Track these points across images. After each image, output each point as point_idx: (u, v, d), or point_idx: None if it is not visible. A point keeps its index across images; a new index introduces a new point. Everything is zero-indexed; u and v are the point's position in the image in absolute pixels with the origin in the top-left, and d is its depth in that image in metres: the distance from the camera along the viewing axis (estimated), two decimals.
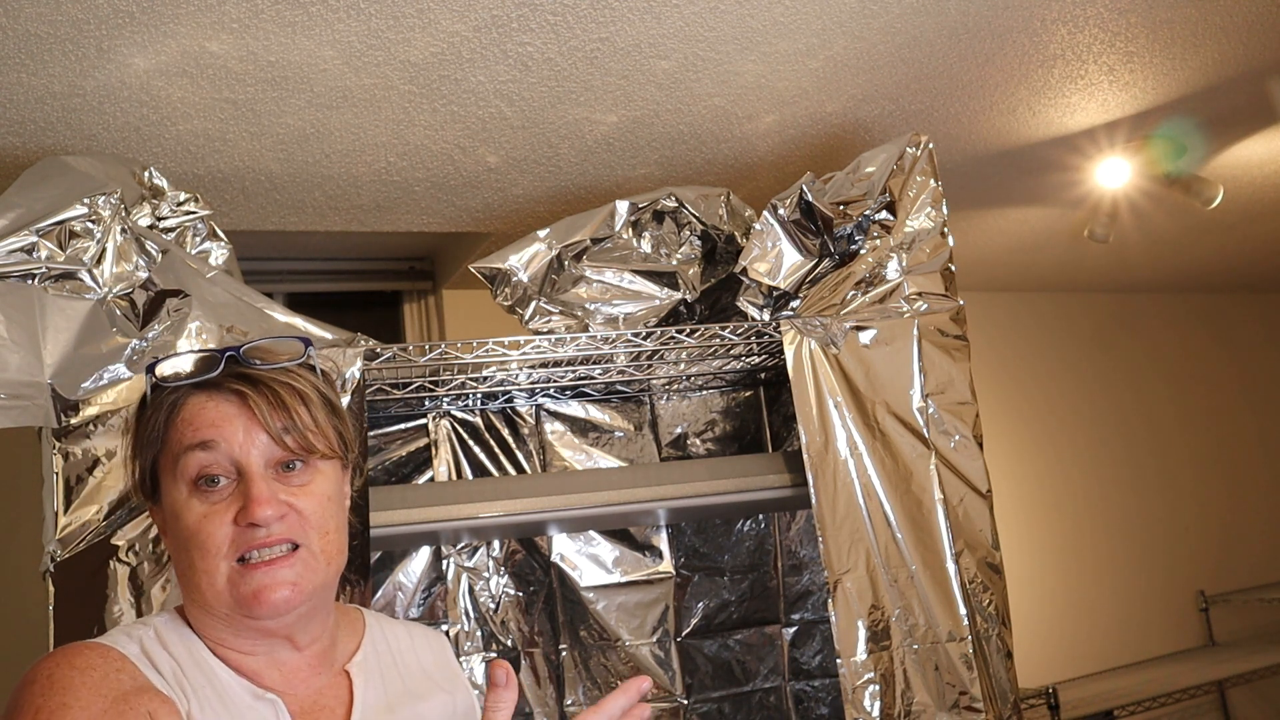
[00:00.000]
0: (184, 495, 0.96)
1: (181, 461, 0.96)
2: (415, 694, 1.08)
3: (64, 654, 0.91)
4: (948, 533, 1.74)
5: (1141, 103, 2.34)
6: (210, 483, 0.95)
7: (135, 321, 1.48)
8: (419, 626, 1.19)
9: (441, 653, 1.17)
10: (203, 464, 0.95)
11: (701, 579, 2.13)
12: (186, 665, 0.96)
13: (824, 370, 1.75)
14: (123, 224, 1.50)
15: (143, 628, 0.99)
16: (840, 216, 1.87)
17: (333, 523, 1.00)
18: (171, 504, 0.97)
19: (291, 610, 0.96)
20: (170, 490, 0.97)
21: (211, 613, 0.97)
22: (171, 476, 0.97)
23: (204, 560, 0.94)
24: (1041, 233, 3.28)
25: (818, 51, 1.94)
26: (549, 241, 1.90)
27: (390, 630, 1.14)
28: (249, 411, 0.97)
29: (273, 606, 0.94)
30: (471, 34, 1.73)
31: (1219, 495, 4.32)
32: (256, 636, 0.98)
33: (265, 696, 0.96)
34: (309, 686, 1.01)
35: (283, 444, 0.97)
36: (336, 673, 1.04)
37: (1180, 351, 4.42)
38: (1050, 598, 3.80)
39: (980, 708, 1.67)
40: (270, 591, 0.94)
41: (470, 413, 2.08)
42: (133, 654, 0.94)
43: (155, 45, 1.63)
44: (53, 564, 1.37)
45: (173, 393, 0.98)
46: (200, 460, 0.95)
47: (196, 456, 0.95)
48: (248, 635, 0.98)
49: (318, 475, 1.00)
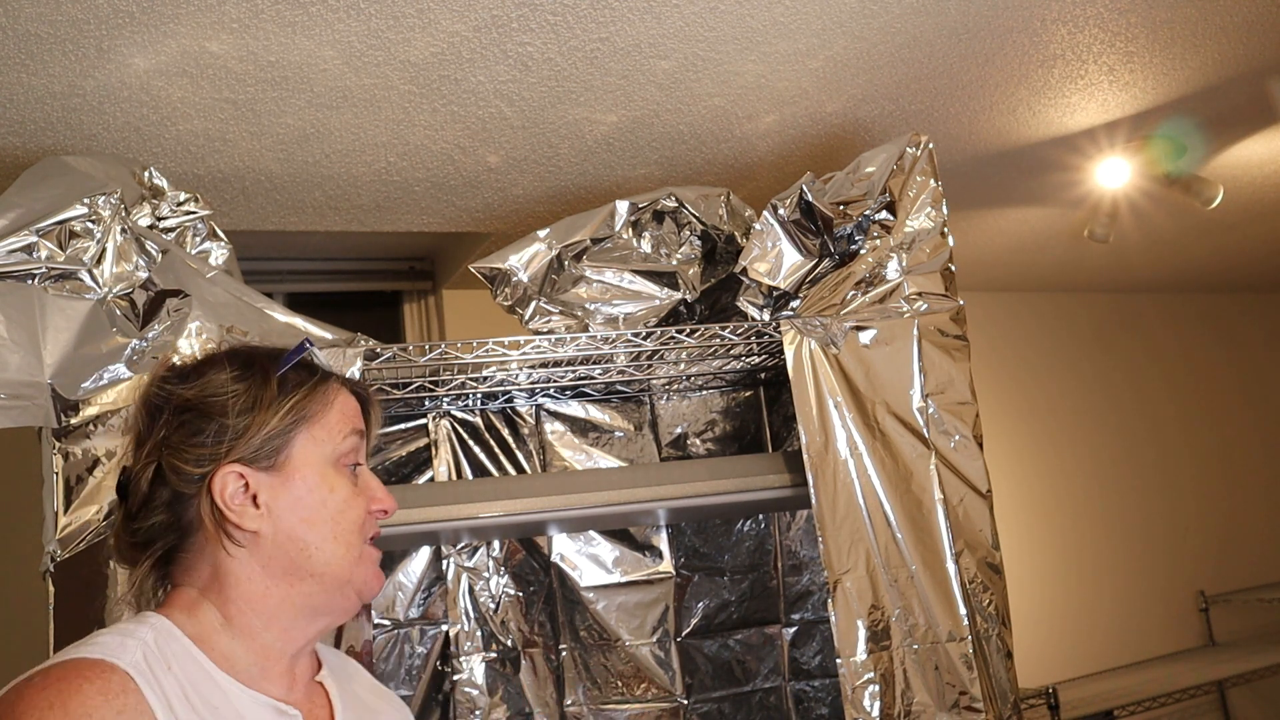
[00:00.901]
0: (330, 471, 1.01)
1: (344, 443, 1.02)
2: (371, 709, 1.10)
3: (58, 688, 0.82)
4: (948, 533, 1.74)
5: (1141, 103, 2.34)
6: (353, 469, 1.04)
7: (135, 321, 1.48)
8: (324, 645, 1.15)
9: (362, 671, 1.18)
10: (354, 451, 1.04)
11: (701, 579, 2.13)
12: (196, 685, 0.90)
13: (824, 370, 1.75)
14: (123, 224, 1.50)
15: (140, 632, 0.91)
16: (840, 216, 1.87)
17: None
18: (318, 478, 1.00)
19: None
20: (318, 465, 1.00)
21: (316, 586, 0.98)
22: (316, 450, 1.00)
23: (349, 535, 1.00)
24: (1041, 233, 3.28)
25: (818, 51, 1.94)
26: (549, 241, 1.90)
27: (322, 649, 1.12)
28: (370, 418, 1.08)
29: (377, 592, 1.04)
30: (471, 34, 1.73)
31: (1219, 495, 4.32)
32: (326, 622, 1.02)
33: (289, 713, 0.95)
34: (304, 694, 1.02)
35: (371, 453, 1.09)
36: (309, 684, 1.04)
37: (1180, 351, 4.42)
38: (1050, 598, 3.80)
39: (980, 708, 1.67)
40: (377, 581, 1.03)
41: (470, 413, 2.08)
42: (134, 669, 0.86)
43: (155, 45, 1.63)
44: (53, 564, 1.37)
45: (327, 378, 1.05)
46: (354, 447, 1.04)
47: (353, 442, 1.04)
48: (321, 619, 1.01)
49: None
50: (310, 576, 0.98)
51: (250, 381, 1.00)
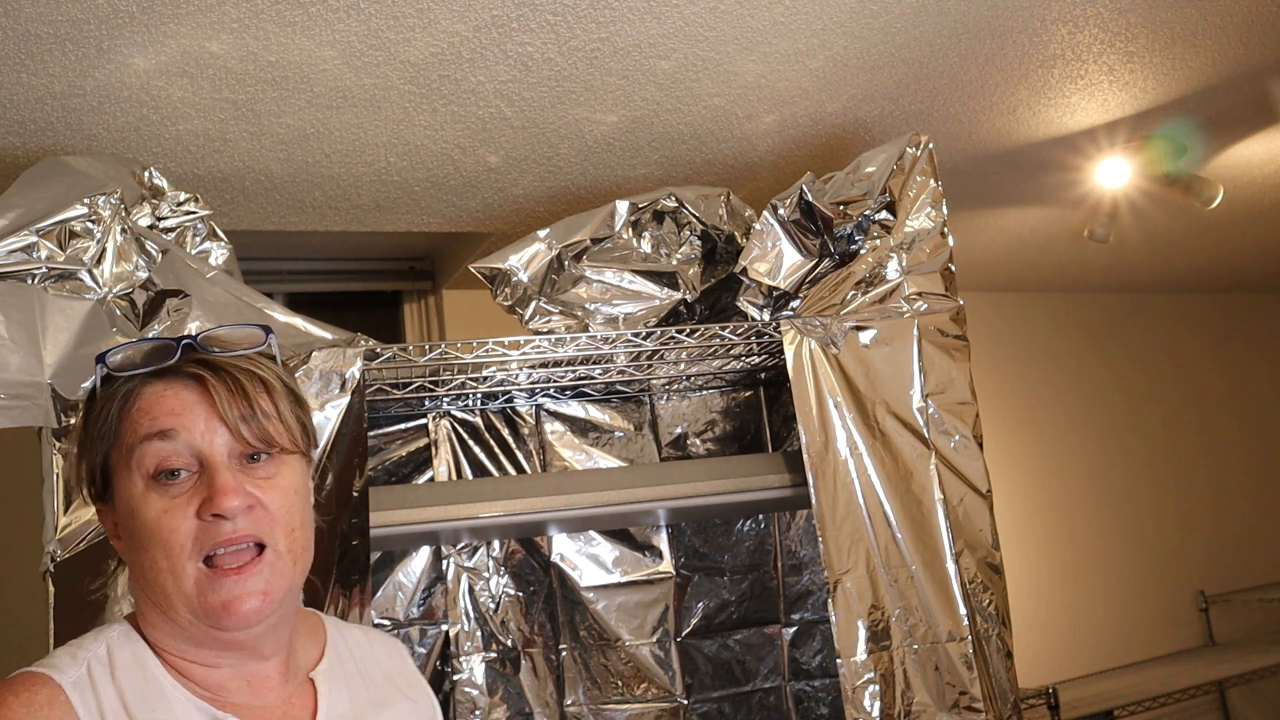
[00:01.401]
0: (140, 489, 0.89)
1: (138, 453, 0.89)
2: (379, 702, 1.04)
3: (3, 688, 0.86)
4: (948, 533, 1.74)
5: (1141, 103, 2.34)
6: (170, 476, 0.89)
7: (135, 321, 1.48)
8: (376, 631, 1.15)
9: (400, 659, 1.13)
10: (162, 455, 0.89)
11: (701, 579, 2.13)
12: (135, 692, 0.89)
13: (824, 370, 1.75)
14: (123, 224, 1.50)
15: (94, 645, 0.92)
16: (840, 216, 1.87)
17: (298, 519, 0.94)
18: (127, 500, 0.90)
19: (262, 620, 0.90)
20: (125, 486, 0.90)
21: (174, 620, 0.90)
22: (126, 470, 0.90)
23: (168, 559, 0.88)
24: (1041, 233, 3.28)
25: (818, 51, 1.94)
26: (549, 241, 1.90)
27: (350, 635, 1.10)
28: (209, 399, 0.90)
29: (243, 618, 0.88)
30: (471, 34, 1.73)
31: (1219, 495, 4.32)
32: (220, 649, 0.93)
33: (223, 717, 0.91)
34: (278, 696, 0.96)
35: (239, 434, 0.91)
36: (301, 681, 0.99)
37: (1180, 351, 4.42)
38: (1050, 598, 3.80)
39: (980, 708, 1.67)
40: (240, 602, 0.88)
41: (470, 413, 2.08)
42: (70, 682, 0.87)
43: (155, 45, 1.63)
44: (53, 564, 1.37)
45: (126, 382, 0.92)
46: (159, 451, 0.89)
47: (155, 447, 0.89)
48: (211, 647, 0.92)
49: (283, 468, 0.94)
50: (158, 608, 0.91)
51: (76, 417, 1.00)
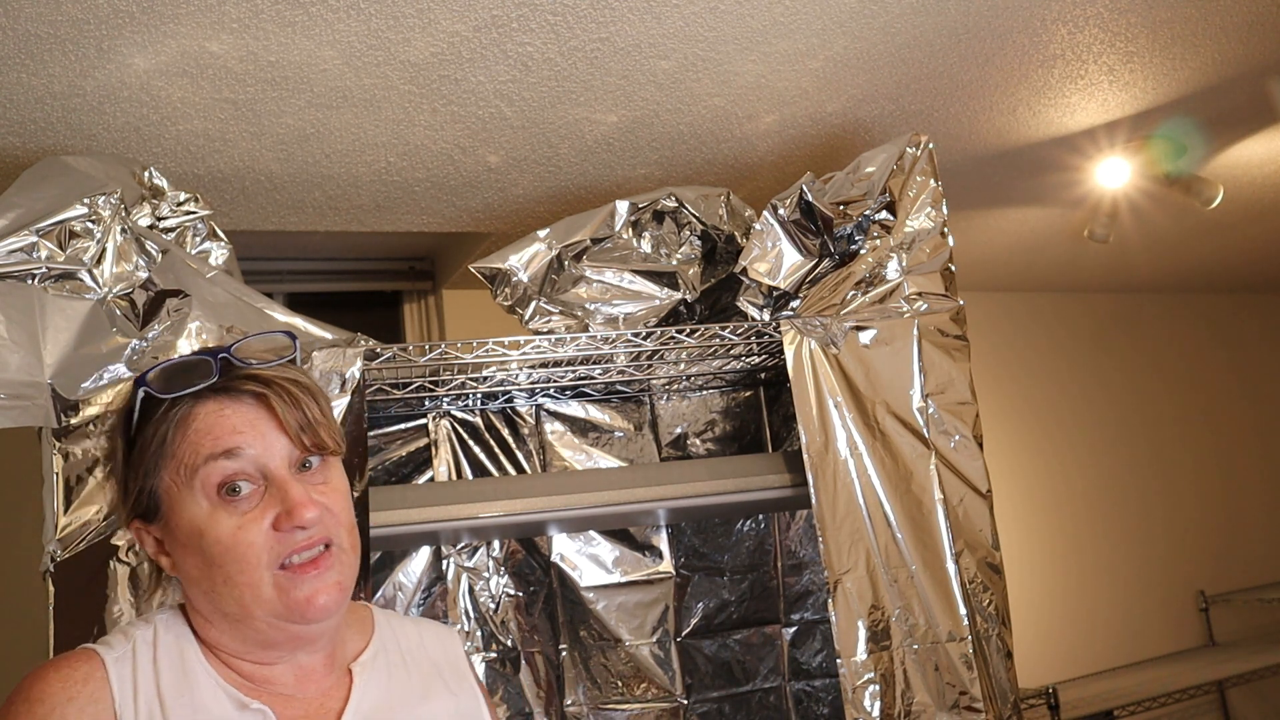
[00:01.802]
0: (207, 509, 0.91)
1: (203, 473, 0.91)
2: (420, 694, 1.06)
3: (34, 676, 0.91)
4: (948, 533, 1.74)
5: (1141, 103, 2.34)
6: (232, 492, 0.91)
7: (135, 321, 1.48)
8: (430, 623, 1.17)
9: (452, 650, 1.14)
10: (228, 473, 0.91)
11: (701, 579, 2.13)
12: (171, 676, 0.93)
13: (824, 370, 1.75)
14: (123, 224, 1.50)
15: (144, 627, 0.97)
16: (840, 216, 1.87)
17: (350, 515, 0.98)
18: (191, 520, 0.92)
19: (339, 610, 0.95)
20: (187, 506, 0.92)
21: (249, 626, 0.93)
22: (188, 491, 0.92)
23: (245, 573, 0.90)
24: (1041, 233, 3.28)
25: (818, 51, 1.94)
26: (549, 241, 1.90)
27: (400, 628, 1.11)
28: (270, 413, 0.93)
29: (324, 610, 0.92)
30: (471, 34, 1.73)
31: (1219, 495, 4.32)
32: (289, 647, 0.96)
33: (251, 706, 0.93)
34: (319, 687, 0.99)
35: (300, 443, 0.94)
36: (341, 673, 1.02)
37: (1180, 351, 4.42)
38: (1050, 598, 3.80)
39: (980, 708, 1.67)
40: (320, 595, 0.92)
41: (470, 413, 2.08)
42: (113, 658, 0.92)
43: (155, 45, 1.63)
44: (53, 564, 1.37)
45: (175, 404, 0.93)
46: (225, 469, 0.91)
47: (220, 466, 0.91)
48: (280, 646, 0.95)
49: (332, 470, 0.98)
50: (228, 616, 0.94)
51: (111, 438, 0.99)
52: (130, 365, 1.44)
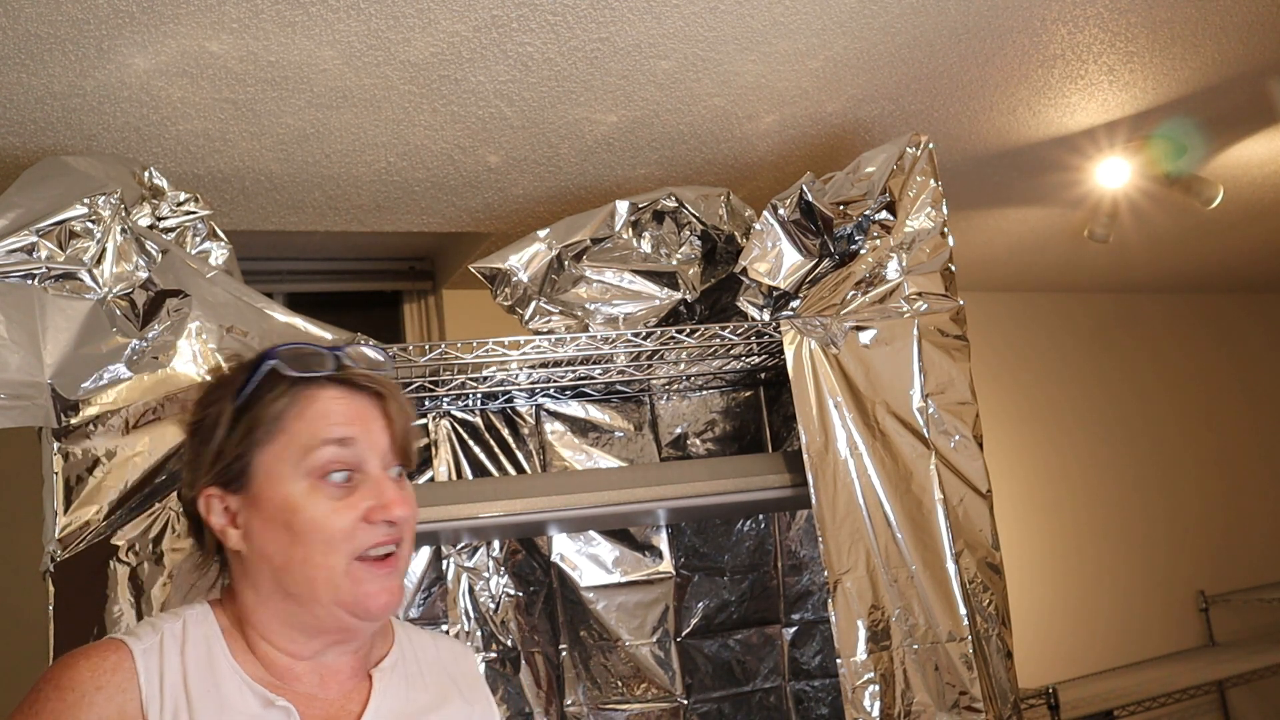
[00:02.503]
0: (304, 487, 0.95)
1: (315, 454, 0.96)
2: (435, 703, 1.08)
3: (63, 664, 0.92)
4: (948, 533, 1.74)
5: (1141, 103, 2.34)
6: (333, 477, 0.96)
7: (135, 321, 1.48)
8: (445, 637, 1.20)
9: (467, 666, 1.17)
10: (338, 459, 0.96)
11: (701, 579, 2.13)
12: (197, 671, 0.95)
13: (824, 370, 1.75)
14: (123, 224, 1.50)
15: (172, 620, 0.99)
16: (840, 216, 1.87)
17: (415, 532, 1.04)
18: (286, 496, 0.95)
19: (393, 612, 0.99)
20: (285, 482, 0.96)
21: (307, 607, 0.96)
22: (290, 467, 0.96)
23: (328, 555, 0.94)
24: (1041, 233, 3.28)
25: (818, 51, 1.94)
26: (549, 241, 1.90)
27: (418, 640, 1.14)
28: (384, 415, 0.99)
29: (383, 609, 0.97)
30: (471, 34, 1.73)
31: (1219, 495, 4.32)
32: (334, 640, 0.99)
33: (277, 704, 0.95)
34: (341, 690, 1.01)
35: (398, 450, 1.00)
36: (362, 677, 1.04)
37: (1180, 351, 4.42)
38: (1050, 598, 3.80)
39: (980, 708, 1.67)
40: (383, 595, 0.96)
41: (470, 413, 2.08)
42: (141, 649, 0.94)
43: (155, 45, 1.63)
44: (53, 564, 1.37)
45: (295, 384, 0.98)
46: (336, 455, 0.96)
47: (332, 451, 0.96)
48: (325, 636, 0.98)
49: (407, 485, 1.03)
50: (290, 597, 0.96)
51: (217, 403, 1.01)
52: (130, 365, 1.44)
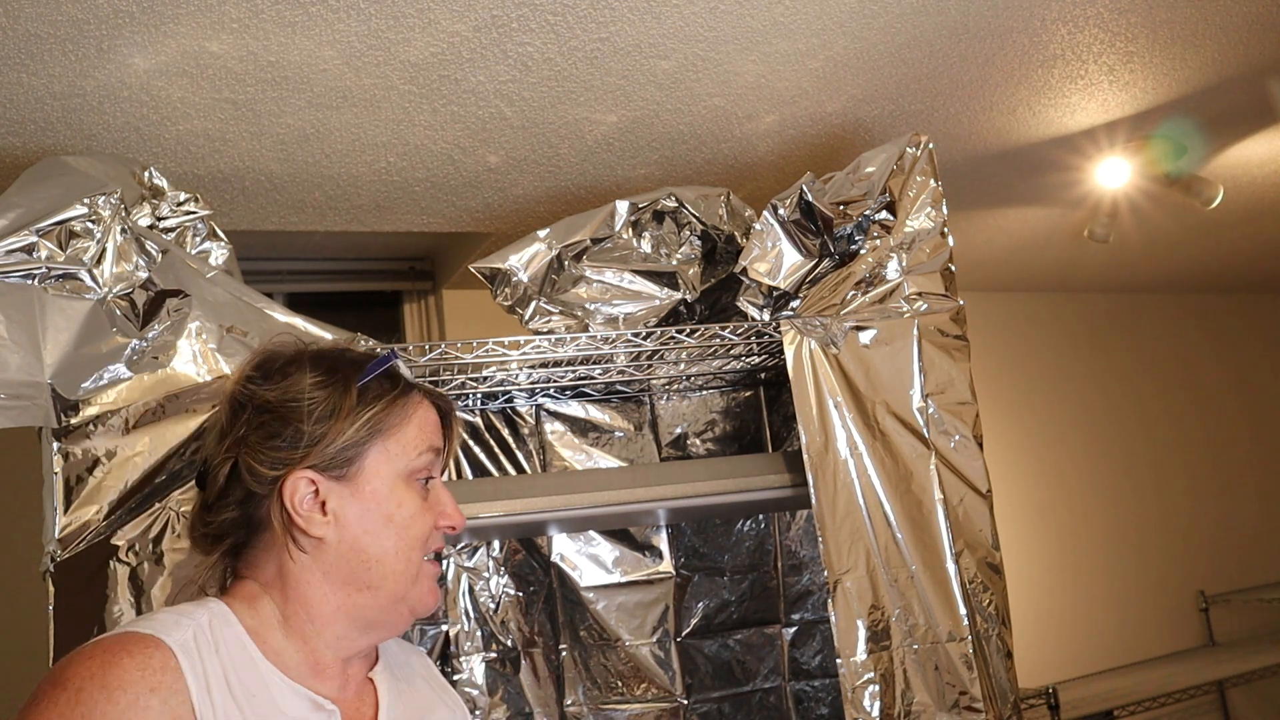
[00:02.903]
0: (401, 486, 1.02)
1: (419, 458, 1.03)
2: (425, 706, 1.11)
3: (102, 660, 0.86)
4: (948, 533, 1.74)
5: (1141, 103, 2.34)
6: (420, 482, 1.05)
7: (135, 321, 1.48)
8: (404, 641, 1.21)
9: (429, 667, 1.20)
10: (428, 465, 1.05)
11: (701, 579, 2.13)
12: (237, 673, 0.92)
13: (824, 370, 1.75)
14: (123, 224, 1.50)
15: (197, 614, 0.95)
16: (840, 216, 1.87)
17: None
18: (391, 490, 1.01)
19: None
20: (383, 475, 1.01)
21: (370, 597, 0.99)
22: (390, 464, 1.02)
23: (413, 550, 1.01)
24: (1041, 233, 3.28)
25: (818, 51, 1.94)
26: (549, 241, 1.90)
27: (388, 644, 1.15)
28: (448, 430, 1.10)
29: (432, 607, 1.05)
30: (471, 34, 1.73)
31: (1218, 495, 4.32)
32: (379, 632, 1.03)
33: (325, 707, 0.96)
34: (355, 693, 1.03)
35: (445, 463, 1.09)
36: (362, 680, 1.05)
37: (1180, 352, 4.42)
38: (1050, 598, 3.80)
39: (980, 708, 1.67)
40: (433, 595, 1.05)
41: (470, 413, 2.08)
42: (178, 644, 0.89)
43: (155, 45, 1.63)
44: (53, 564, 1.37)
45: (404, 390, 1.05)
46: (428, 462, 1.05)
47: (427, 459, 1.04)
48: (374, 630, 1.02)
49: None
50: (367, 589, 0.99)
51: (331, 389, 1.02)
52: (130, 365, 1.44)
